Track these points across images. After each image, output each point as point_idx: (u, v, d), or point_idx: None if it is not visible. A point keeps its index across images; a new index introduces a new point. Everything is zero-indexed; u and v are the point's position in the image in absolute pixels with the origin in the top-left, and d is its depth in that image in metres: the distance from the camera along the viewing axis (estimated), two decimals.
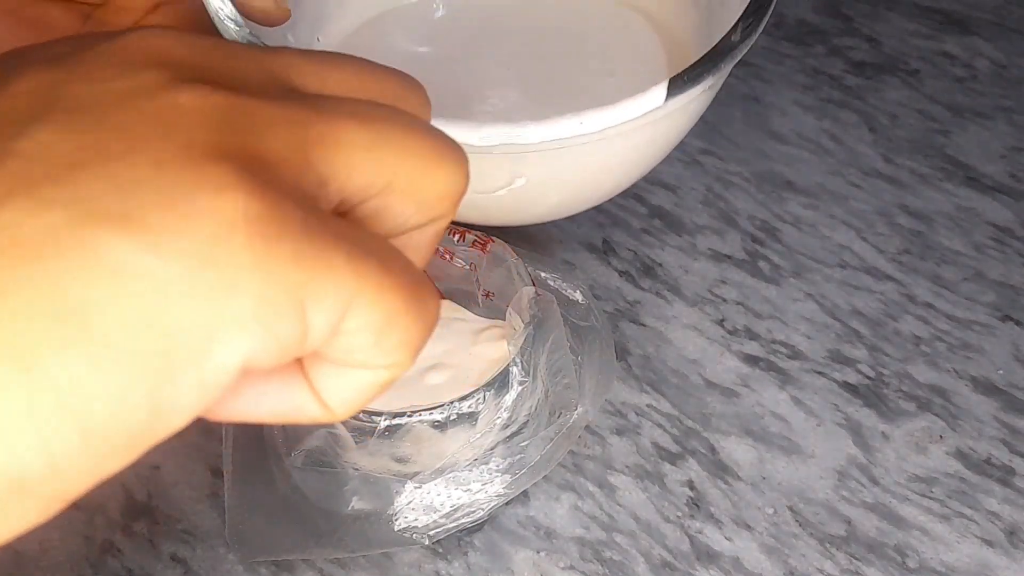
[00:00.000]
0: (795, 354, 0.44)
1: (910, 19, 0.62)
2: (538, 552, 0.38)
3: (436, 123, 0.22)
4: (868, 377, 0.43)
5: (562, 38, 0.42)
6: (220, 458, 0.40)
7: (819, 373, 0.43)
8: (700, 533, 0.38)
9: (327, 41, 0.42)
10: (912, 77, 0.58)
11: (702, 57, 0.29)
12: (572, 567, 0.37)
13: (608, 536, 0.38)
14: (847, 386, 0.43)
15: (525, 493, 0.39)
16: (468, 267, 0.40)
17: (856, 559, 0.37)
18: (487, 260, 0.40)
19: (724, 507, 0.39)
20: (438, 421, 0.34)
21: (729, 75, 0.31)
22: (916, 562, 0.37)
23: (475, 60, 0.41)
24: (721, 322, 0.46)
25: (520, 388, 0.35)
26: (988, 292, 0.46)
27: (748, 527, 0.38)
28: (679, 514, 0.39)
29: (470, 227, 0.40)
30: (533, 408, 0.36)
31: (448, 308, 0.42)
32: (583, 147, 0.29)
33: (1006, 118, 0.55)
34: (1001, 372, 0.43)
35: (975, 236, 0.49)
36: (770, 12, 0.30)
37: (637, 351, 0.44)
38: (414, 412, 0.34)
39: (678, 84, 0.28)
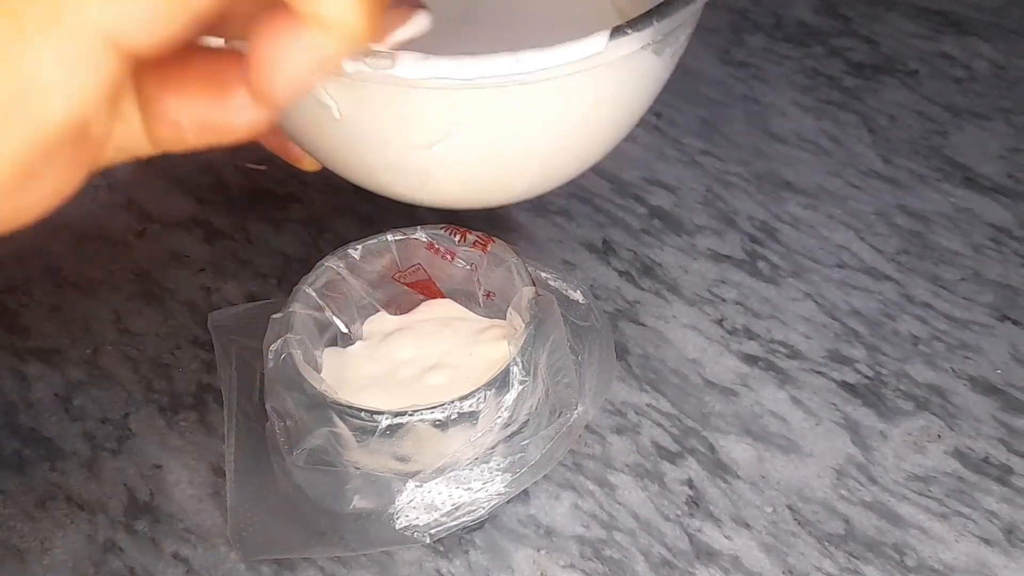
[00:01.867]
0: (794, 354, 0.44)
1: (909, 20, 0.62)
2: (538, 550, 0.38)
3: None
4: (866, 376, 0.43)
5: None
6: (222, 457, 0.41)
7: (818, 372, 0.43)
8: (699, 532, 0.38)
9: None
10: (911, 78, 0.58)
11: (647, 11, 0.30)
12: (572, 565, 0.37)
13: (608, 534, 0.38)
14: (846, 385, 0.43)
15: (525, 492, 0.39)
16: (469, 267, 0.40)
17: (855, 558, 0.37)
18: (488, 260, 0.40)
19: (723, 506, 0.39)
20: (439, 420, 0.34)
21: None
22: (914, 561, 0.37)
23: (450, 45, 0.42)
24: (720, 322, 0.46)
25: (520, 387, 0.36)
26: (986, 292, 0.46)
27: (747, 526, 0.38)
28: (678, 513, 0.39)
29: (470, 227, 0.40)
30: (533, 407, 0.36)
31: (450, 308, 0.42)
32: (519, 98, 0.29)
33: (1004, 119, 0.55)
34: (999, 372, 0.43)
35: (973, 236, 0.49)
36: None
37: (637, 351, 0.45)
38: (415, 411, 0.34)
39: (621, 32, 0.28)
